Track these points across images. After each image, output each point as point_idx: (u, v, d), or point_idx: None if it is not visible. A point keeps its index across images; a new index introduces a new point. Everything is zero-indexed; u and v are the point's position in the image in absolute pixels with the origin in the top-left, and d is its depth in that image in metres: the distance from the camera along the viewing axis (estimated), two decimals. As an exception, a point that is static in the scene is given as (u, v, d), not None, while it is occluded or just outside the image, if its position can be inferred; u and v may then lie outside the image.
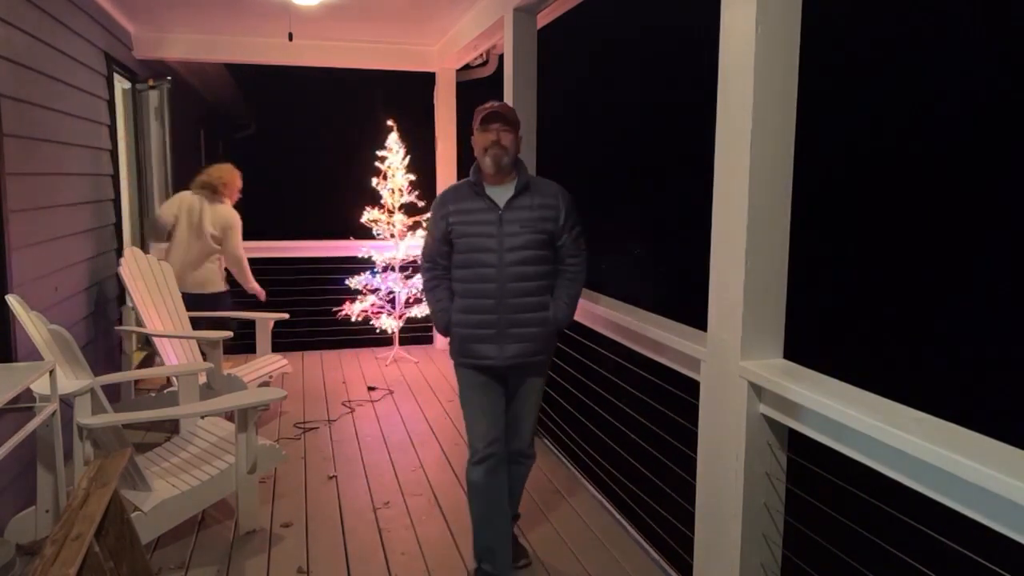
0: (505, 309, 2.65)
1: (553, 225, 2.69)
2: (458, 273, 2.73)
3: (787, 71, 2.14)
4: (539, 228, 2.65)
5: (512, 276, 2.63)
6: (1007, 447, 1.57)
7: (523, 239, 2.63)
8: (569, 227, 2.73)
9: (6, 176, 3.15)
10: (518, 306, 2.66)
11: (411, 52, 6.41)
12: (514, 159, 2.68)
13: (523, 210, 2.65)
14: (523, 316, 2.67)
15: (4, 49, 3.20)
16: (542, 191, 2.71)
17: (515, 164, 2.69)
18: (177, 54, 6.06)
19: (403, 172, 6.09)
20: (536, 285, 2.68)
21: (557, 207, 2.69)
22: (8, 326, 3.13)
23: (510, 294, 2.64)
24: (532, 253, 2.65)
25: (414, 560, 3.02)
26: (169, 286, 4.64)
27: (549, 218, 2.68)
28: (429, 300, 2.83)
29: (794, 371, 2.15)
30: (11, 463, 3.01)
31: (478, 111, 2.70)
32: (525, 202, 2.66)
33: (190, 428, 3.63)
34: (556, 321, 2.74)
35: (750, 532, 2.24)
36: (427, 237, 2.85)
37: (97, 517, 1.98)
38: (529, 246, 2.64)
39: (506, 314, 2.65)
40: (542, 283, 2.70)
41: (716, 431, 2.38)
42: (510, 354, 2.68)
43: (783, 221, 2.20)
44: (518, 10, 4.20)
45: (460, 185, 2.79)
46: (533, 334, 2.70)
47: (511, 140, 2.65)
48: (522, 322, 2.67)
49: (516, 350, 2.68)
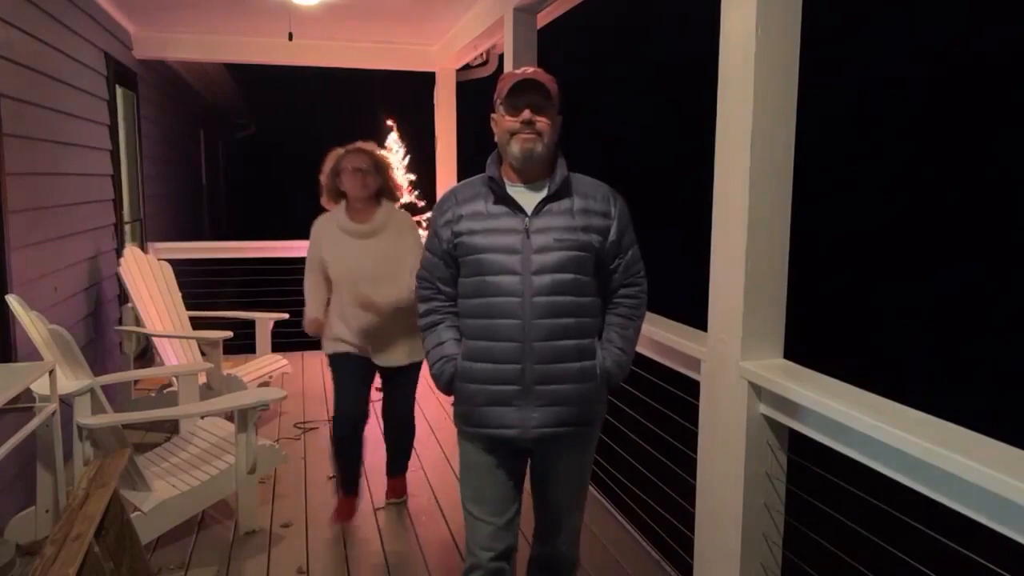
0: (532, 357, 1.91)
1: (601, 241, 1.96)
2: (467, 305, 1.99)
3: (787, 71, 2.14)
4: (582, 244, 1.93)
5: (543, 310, 1.90)
6: (1007, 447, 1.57)
7: (558, 258, 1.91)
8: (625, 245, 2.02)
9: (6, 176, 3.15)
10: (551, 353, 1.92)
11: (411, 52, 6.40)
12: (552, 150, 1.97)
13: (560, 217, 1.94)
14: (558, 368, 1.93)
15: (4, 49, 3.20)
16: (587, 192, 1.99)
17: (552, 156, 1.98)
18: (177, 54, 6.07)
19: (403, 172, 6.10)
20: (577, 324, 1.94)
21: (609, 214, 1.98)
22: (8, 326, 3.13)
23: (540, 335, 1.91)
24: (572, 279, 1.92)
25: (414, 560, 3.02)
26: (169, 286, 4.64)
27: (596, 229, 1.96)
28: (426, 343, 2.06)
29: (794, 371, 2.15)
30: (11, 463, 3.00)
31: (505, 77, 1.97)
32: (564, 207, 1.95)
33: (190, 428, 3.63)
34: (606, 374, 2.00)
35: (750, 532, 2.24)
36: (423, 252, 2.10)
37: (97, 517, 1.98)
38: (567, 268, 1.92)
39: (534, 364, 1.91)
40: (585, 321, 1.96)
41: (716, 431, 2.38)
42: (538, 422, 1.94)
43: (783, 221, 2.20)
44: (518, 10, 4.19)
45: (472, 182, 2.04)
46: (573, 393, 1.95)
47: (549, 123, 1.93)
48: (557, 376, 1.93)
49: (547, 416, 1.94)
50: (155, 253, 5.50)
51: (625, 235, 2.02)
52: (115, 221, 5.00)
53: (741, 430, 2.22)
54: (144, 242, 5.94)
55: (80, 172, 4.28)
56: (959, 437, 1.65)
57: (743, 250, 2.16)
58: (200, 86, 9.34)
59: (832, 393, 1.95)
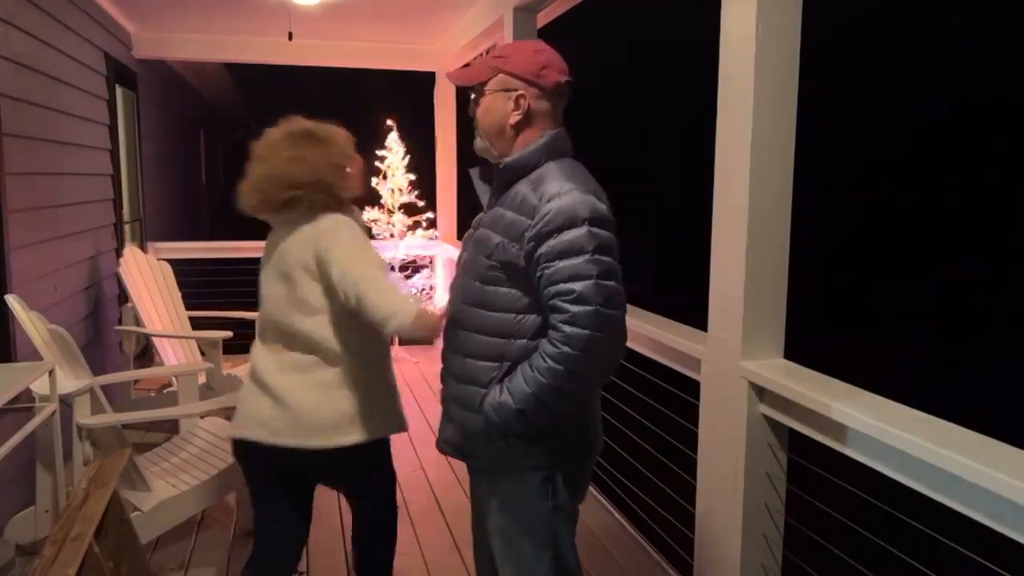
0: (445, 367, 1.83)
1: (504, 249, 1.64)
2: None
3: (787, 71, 2.14)
4: (487, 249, 1.68)
5: (453, 318, 1.78)
6: (1007, 447, 1.57)
7: (466, 263, 1.78)
8: (540, 260, 1.59)
9: (6, 176, 3.15)
10: (451, 366, 1.79)
11: (411, 52, 6.40)
12: (498, 135, 1.75)
13: (494, 219, 1.73)
14: (452, 384, 1.79)
15: (4, 49, 3.20)
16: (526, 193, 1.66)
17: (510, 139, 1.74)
18: (177, 54, 6.07)
19: (403, 171, 6.09)
20: (479, 340, 1.70)
21: (530, 218, 1.61)
22: (8, 326, 3.13)
23: (448, 345, 1.81)
24: (474, 285, 1.71)
25: (414, 560, 3.02)
26: (168, 286, 4.64)
27: (512, 235, 1.64)
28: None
29: (794, 371, 2.15)
30: (11, 463, 3.00)
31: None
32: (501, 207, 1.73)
33: (190, 428, 3.63)
34: (481, 408, 1.68)
35: (750, 532, 2.24)
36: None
37: (97, 517, 1.98)
38: (470, 272, 1.74)
39: (445, 375, 1.83)
40: (490, 340, 1.68)
41: (716, 431, 2.38)
42: (442, 437, 1.84)
43: (783, 221, 2.20)
44: (518, 9, 4.19)
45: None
46: (459, 417, 1.76)
47: (481, 109, 1.76)
48: (452, 393, 1.79)
49: (447, 434, 1.82)
50: (155, 253, 5.51)
51: (541, 245, 1.59)
52: (115, 221, 5.00)
53: (741, 430, 2.22)
54: (144, 242, 5.94)
55: (80, 172, 4.28)
56: (959, 437, 1.64)
57: (743, 250, 2.16)
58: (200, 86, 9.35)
59: (832, 393, 1.95)
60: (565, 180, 1.62)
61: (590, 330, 1.54)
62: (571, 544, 1.82)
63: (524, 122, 1.71)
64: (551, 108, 1.73)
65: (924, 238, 14.59)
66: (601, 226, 1.60)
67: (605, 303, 1.55)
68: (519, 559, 1.76)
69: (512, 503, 1.76)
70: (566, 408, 1.66)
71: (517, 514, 1.76)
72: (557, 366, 1.56)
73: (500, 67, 1.71)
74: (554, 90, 1.71)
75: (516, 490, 1.74)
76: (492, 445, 1.71)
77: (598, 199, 1.63)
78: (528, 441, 1.68)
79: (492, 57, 1.75)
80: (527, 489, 1.72)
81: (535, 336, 1.65)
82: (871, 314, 13.03)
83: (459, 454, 1.81)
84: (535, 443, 1.69)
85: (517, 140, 1.72)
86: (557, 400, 1.61)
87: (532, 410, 1.61)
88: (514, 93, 1.69)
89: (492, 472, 1.78)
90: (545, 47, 1.74)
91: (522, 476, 1.72)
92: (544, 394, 1.59)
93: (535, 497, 1.72)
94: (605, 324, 1.55)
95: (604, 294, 1.55)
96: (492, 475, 1.79)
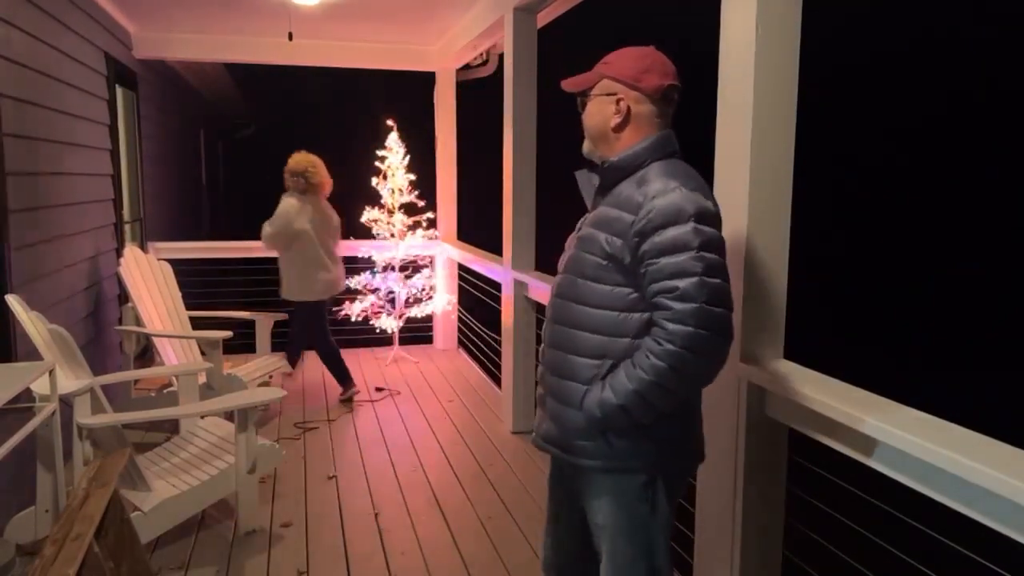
0: (544, 363, 1.84)
1: (610, 244, 1.67)
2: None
3: (787, 72, 2.14)
4: (593, 247, 1.71)
5: (552, 314, 1.82)
6: (1007, 447, 1.57)
7: (570, 261, 1.80)
8: (644, 256, 1.61)
9: (6, 176, 3.15)
10: (551, 362, 1.81)
11: (411, 52, 6.40)
12: (602, 137, 1.79)
13: (599, 217, 1.75)
14: (552, 380, 1.80)
15: (4, 49, 3.20)
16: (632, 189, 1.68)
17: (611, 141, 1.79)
18: (177, 54, 6.06)
19: (403, 172, 6.09)
20: (582, 337, 1.72)
21: (634, 215, 1.63)
22: (8, 326, 3.13)
23: (550, 341, 1.82)
24: (578, 282, 1.74)
25: (414, 560, 3.02)
26: (169, 286, 4.64)
27: (617, 231, 1.66)
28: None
29: (794, 372, 2.15)
30: (11, 463, 3.00)
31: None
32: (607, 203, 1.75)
33: (190, 428, 3.63)
34: (583, 405, 1.70)
35: (750, 532, 2.24)
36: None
37: (97, 517, 1.98)
38: (574, 270, 1.77)
39: (544, 371, 1.84)
40: (593, 338, 1.70)
41: (716, 432, 2.38)
42: (540, 431, 1.85)
43: (783, 221, 2.20)
44: (518, 9, 4.19)
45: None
46: (558, 412, 1.77)
47: (590, 112, 1.80)
48: (552, 388, 1.80)
49: (545, 428, 1.83)
50: (155, 253, 5.51)
51: (646, 241, 1.61)
52: (115, 221, 5.00)
53: (741, 430, 2.22)
54: (144, 242, 5.94)
55: (80, 172, 4.28)
56: (959, 437, 1.65)
57: (743, 250, 2.17)
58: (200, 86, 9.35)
59: (832, 393, 1.95)
60: (669, 178, 1.64)
61: (694, 327, 1.54)
62: (667, 552, 1.82)
63: (625, 124, 1.74)
64: (655, 111, 1.74)
65: (924, 238, 14.58)
66: (707, 222, 1.60)
67: (709, 300, 1.55)
68: (614, 559, 1.78)
69: (613, 503, 1.76)
70: (669, 407, 1.66)
71: (616, 515, 1.76)
72: (660, 363, 1.57)
73: (604, 72, 1.76)
74: (656, 93, 1.73)
75: (617, 490, 1.75)
76: (593, 443, 1.72)
77: (704, 196, 1.64)
78: (634, 440, 1.69)
79: (599, 64, 1.79)
80: (628, 489, 1.74)
81: (638, 335, 1.65)
82: (871, 314, 13.03)
83: (558, 449, 1.80)
84: (641, 443, 1.70)
85: (619, 142, 1.75)
86: (660, 398, 1.61)
87: (635, 407, 1.62)
88: (615, 97, 1.74)
89: (596, 471, 1.77)
90: (650, 51, 1.76)
91: (623, 476, 1.74)
92: (647, 391, 1.60)
93: (635, 499, 1.74)
94: (709, 321, 1.55)
95: (709, 291, 1.55)
96: (594, 474, 1.78)
